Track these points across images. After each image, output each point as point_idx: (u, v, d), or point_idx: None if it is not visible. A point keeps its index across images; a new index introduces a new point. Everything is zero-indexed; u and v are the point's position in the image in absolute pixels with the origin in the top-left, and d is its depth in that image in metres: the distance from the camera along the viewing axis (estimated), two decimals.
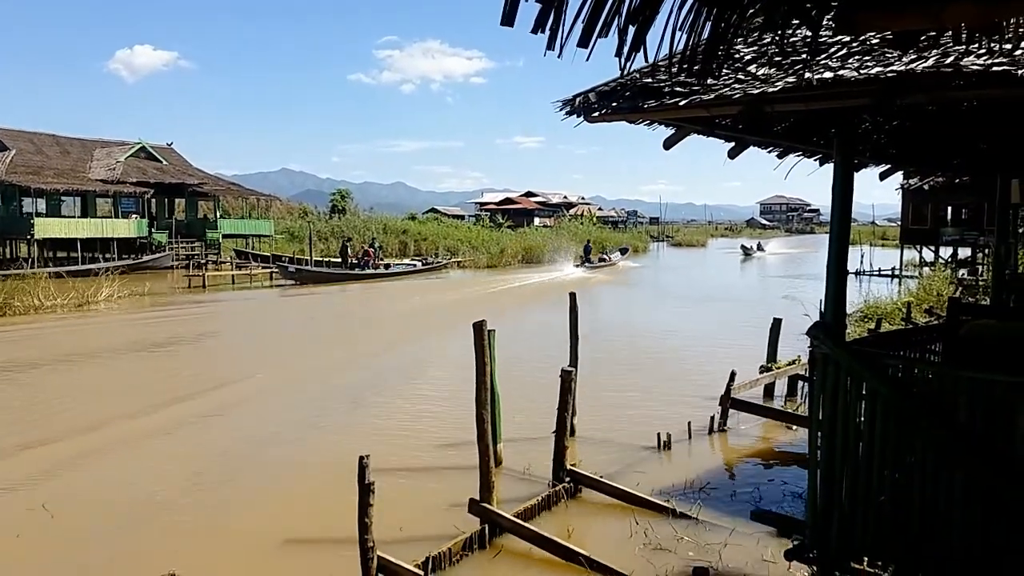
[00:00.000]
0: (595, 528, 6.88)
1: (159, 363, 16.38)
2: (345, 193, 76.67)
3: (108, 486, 8.22)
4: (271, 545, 6.68)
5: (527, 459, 8.69)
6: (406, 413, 11.34)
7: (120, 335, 20.27)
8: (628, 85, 3.89)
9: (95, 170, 42.37)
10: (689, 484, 7.89)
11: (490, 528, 6.51)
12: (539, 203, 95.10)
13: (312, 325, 23.43)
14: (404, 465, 8.71)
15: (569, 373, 7.53)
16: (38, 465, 8.92)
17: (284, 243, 51.00)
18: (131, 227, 40.76)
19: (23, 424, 10.87)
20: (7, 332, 20.22)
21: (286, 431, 10.43)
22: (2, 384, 13.93)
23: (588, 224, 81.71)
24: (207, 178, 48.64)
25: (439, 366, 15.18)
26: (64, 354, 16.73)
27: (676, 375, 14.01)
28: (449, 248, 54.39)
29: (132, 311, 25.27)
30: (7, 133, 40.68)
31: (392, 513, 6.84)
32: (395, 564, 5.57)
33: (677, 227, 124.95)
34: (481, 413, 6.61)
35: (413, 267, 43.23)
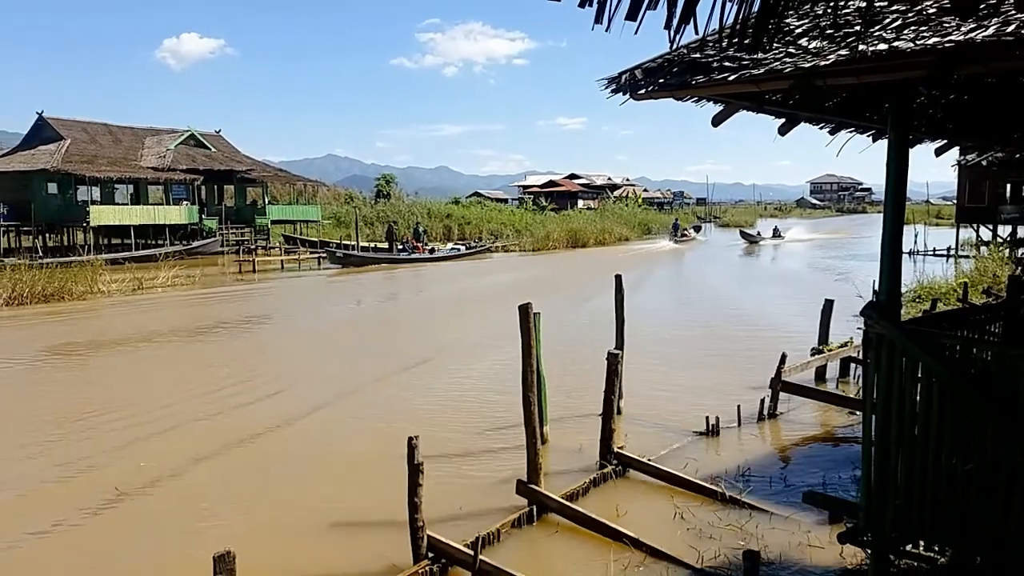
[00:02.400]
0: (641, 510, 6.86)
1: (216, 346, 16.73)
2: (390, 178, 77.24)
3: (176, 463, 8.44)
4: (323, 525, 6.81)
5: (574, 440, 8.71)
6: (454, 394, 11.42)
7: (179, 317, 20.77)
8: (675, 61, 3.82)
9: (146, 158, 43.28)
10: (737, 469, 7.82)
11: (538, 508, 6.54)
12: (583, 185, 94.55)
13: (360, 309, 23.71)
14: (452, 446, 8.79)
15: (616, 356, 7.49)
16: (107, 446, 9.20)
17: (331, 229, 51.62)
18: (182, 214, 41.61)
19: (92, 408, 11.23)
20: (66, 316, 20.87)
21: (334, 413, 10.59)
22: (70, 368, 14.40)
23: (633, 206, 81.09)
24: (255, 165, 49.34)
25: (489, 346, 15.24)
26: (123, 336, 17.20)
27: (727, 356, 13.85)
28: (493, 232, 54.48)
29: (188, 295, 25.86)
30: (62, 123, 41.72)
31: (441, 493, 6.93)
32: (445, 543, 5.64)
33: (724, 208, 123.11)
34: (527, 395, 6.62)
35: (457, 251, 43.44)
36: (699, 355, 14.17)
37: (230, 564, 4.26)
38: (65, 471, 8.30)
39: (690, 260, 40.14)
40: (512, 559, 5.71)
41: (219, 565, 4.25)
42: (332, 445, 9.21)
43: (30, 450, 9.05)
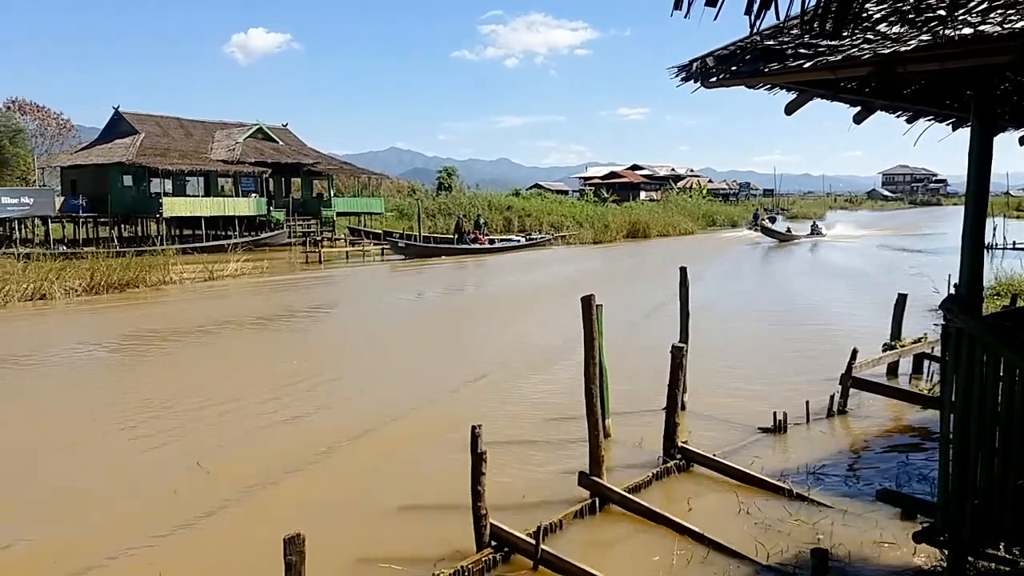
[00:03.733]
0: (705, 505, 6.78)
1: (284, 335, 17.14)
2: (451, 171, 77.73)
3: (248, 450, 8.70)
4: (388, 509, 6.92)
5: (635, 434, 8.66)
6: (516, 384, 11.46)
7: (248, 306, 21.34)
8: (748, 48, 3.74)
9: (216, 151, 44.47)
10: (805, 465, 7.66)
11: (600, 500, 6.53)
12: (645, 176, 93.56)
13: (422, 300, 23.97)
14: (514, 436, 8.84)
15: (680, 349, 7.41)
16: (188, 432, 9.53)
17: (394, 220, 52.27)
18: (251, 206, 42.66)
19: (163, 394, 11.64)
20: (140, 304, 21.64)
21: (400, 400, 10.73)
22: (142, 355, 14.95)
23: (697, 197, 79.98)
24: (321, 158, 50.24)
25: (551, 337, 15.24)
26: (195, 325, 17.75)
27: (793, 351, 13.57)
28: (553, 224, 54.42)
29: (256, 285, 26.54)
30: (136, 117, 43.16)
31: (503, 482, 6.99)
32: (507, 532, 5.67)
33: (793, 199, 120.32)
34: (590, 388, 6.59)
35: (517, 243, 43.55)
36: (764, 350, 13.91)
37: (300, 546, 4.36)
38: (138, 448, 8.63)
39: (755, 256, 39.36)
40: (574, 550, 5.72)
41: (289, 547, 4.35)
42: (397, 431, 9.34)
43: (101, 429, 9.43)
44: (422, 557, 5.86)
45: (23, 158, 50.76)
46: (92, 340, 16.12)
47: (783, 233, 46.59)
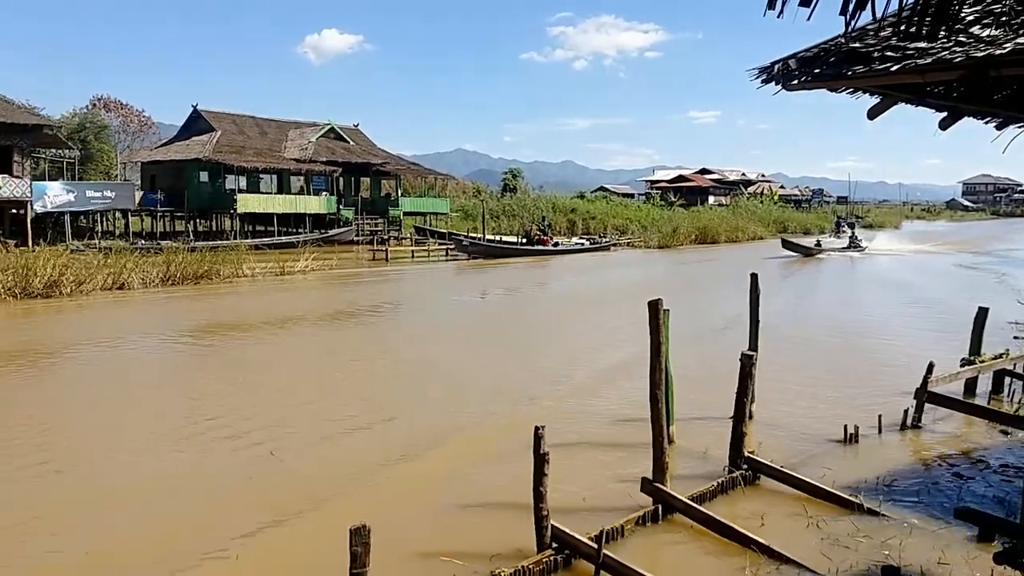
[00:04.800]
0: (772, 517, 6.63)
1: (350, 332, 17.45)
2: (516, 172, 77.99)
3: (317, 442, 8.88)
4: (450, 507, 6.97)
5: (700, 442, 8.53)
6: (579, 387, 11.42)
7: (315, 302, 21.82)
8: (832, 50, 3.65)
9: (289, 149, 45.52)
10: (877, 479, 7.43)
11: (663, 508, 6.45)
12: (714, 181, 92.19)
13: (485, 300, 24.09)
14: (576, 438, 8.80)
15: (750, 358, 7.26)
16: (264, 423, 9.79)
17: (459, 221, 52.71)
18: (321, 204, 43.55)
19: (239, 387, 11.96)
20: (213, 296, 22.30)
21: (463, 399, 10.81)
22: (212, 346, 15.41)
23: (768, 203, 78.38)
24: (389, 158, 50.99)
25: (614, 341, 15.15)
26: (266, 318, 18.21)
27: (865, 364, 13.18)
28: (618, 227, 54.10)
29: (324, 282, 27.09)
30: (213, 115, 44.50)
31: (564, 484, 6.96)
32: (569, 534, 5.65)
33: (867, 207, 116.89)
34: (655, 393, 6.52)
35: (581, 246, 43.44)
36: (835, 361, 13.53)
37: (365, 537, 4.42)
38: (211, 435, 8.89)
39: (823, 264, 38.36)
40: (636, 557, 5.66)
41: (355, 538, 4.42)
42: (459, 430, 9.40)
43: (176, 416, 9.75)
44: (483, 554, 5.88)
45: (106, 153, 52.90)
46: (167, 330, 16.69)
47: (807, 247, 41.70)
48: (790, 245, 41.60)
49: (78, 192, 34.40)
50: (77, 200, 34.05)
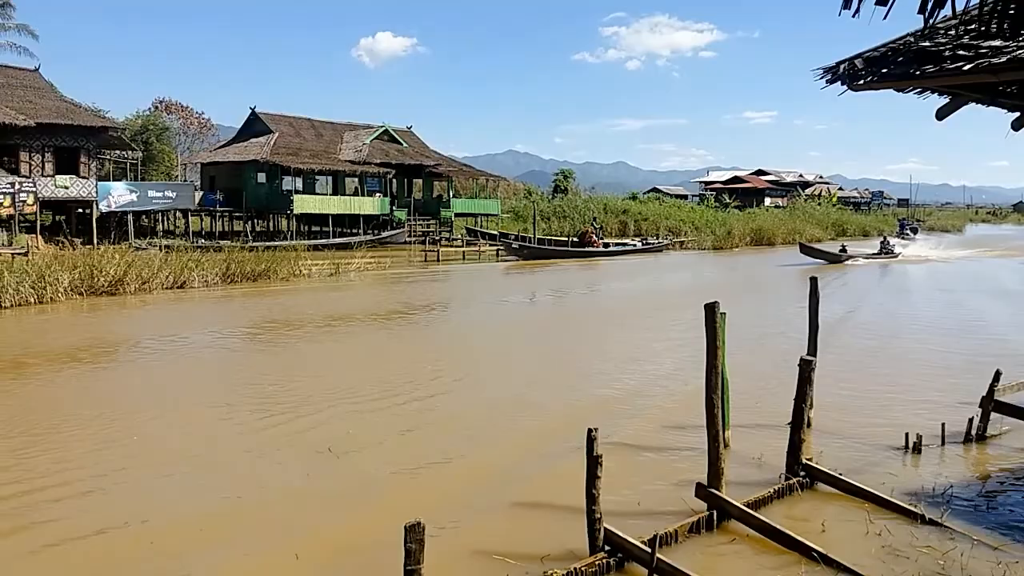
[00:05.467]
0: (829, 525, 6.49)
1: (402, 331, 17.63)
2: (568, 173, 77.78)
3: (372, 439, 9.01)
4: (503, 506, 7.00)
5: (755, 448, 8.40)
6: (632, 390, 11.35)
7: (369, 302, 22.11)
8: (901, 50, 3.56)
9: (344, 151, 46.17)
10: (939, 491, 7.21)
11: (718, 514, 6.37)
12: (770, 182, 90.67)
13: (534, 302, 24.10)
14: (629, 441, 8.75)
15: (809, 363, 7.13)
16: (317, 419, 9.97)
17: (509, 222, 52.82)
18: (375, 205, 44.08)
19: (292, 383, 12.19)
20: (270, 295, 22.75)
21: (516, 399, 10.84)
22: (268, 343, 15.72)
23: (826, 205, 76.78)
24: (442, 160, 51.37)
25: (667, 345, 15.02)
26: (320, 317, 18.51)
27: (926, 370, 12.83)
28: (671, 228, 53.58)
29: (378, 282, 27.42)
30: (271, 117, 45.36)
31: (617, 487, 6.93)
32: (621, 537, 5.62)
33: (929, 210, 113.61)
34: (711, 397, 6.45)
35: (633, 247, 43.13)
36: (896, 367, 13.19)
37: (419, 534, 4.47)
38: (270, 430, 9.07)
39: (851, 273, 37.41)
40: (690, 562, 5.61)
41: (410, 534, 4.47)
42: (512, 430, 9.43)
43: (236, 411, 9.97)
44: (535, 555, 5.89)
45: (167, 154, 54.42)
46: (227, 327, 17.08)
47: (832, 253, 37.17)
48: (811, 251, 37.13)
49: (141, 192, 35.43)
50: (140, 200, 35.06)
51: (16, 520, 6.65)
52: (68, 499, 7.10)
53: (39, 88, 33.90)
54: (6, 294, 18.75)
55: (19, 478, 7.62)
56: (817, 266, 33.95)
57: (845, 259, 36.45)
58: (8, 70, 34.68)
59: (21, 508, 6.90)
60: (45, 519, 6.68)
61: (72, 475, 7.70)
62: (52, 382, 11.97)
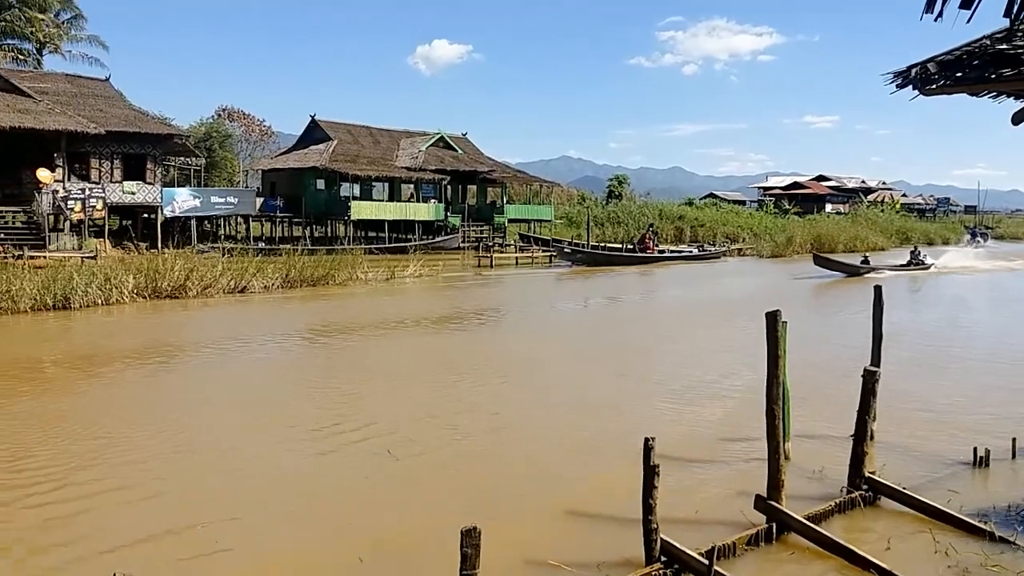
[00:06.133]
0: (894, 542, 6.30)
1: (457, 336, 17.74)
2: (622, 179, 77.42)
3: (430, 443, 9.08)
4: (559, 513, 6.98)
5: (815, 460, 8.21)
6: (689, 399, 11.22)
7: (424, 306, 22.31)
8: (976, 53, 3.44)
9: (401, 158, 46.74)
10: (1010, 508, 6.95)
11: (777, 526, 6.25)
12: (832, 188, 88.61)
13: (588, 308, 24.01)
14: (686, 452, 8.63)
15: (872, 374, 6.95)
16: (380, 418, 10.10)
17: (562, 228, 52.76)
18: (430, 211, 44.49)
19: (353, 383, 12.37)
20: (328, 299, 23.12)
21: (570, 407, 10.80)
22: (327, 346, 15.98)
23: (890, 211, 74.68)
24: (496, 166, 51.63)
25: (725, 354, 14.81)
26: (376, 321, 18.74)
27: (996, 382, 12.38)
28: (728, 235, 52.81)
29: (432, 286, 27.65)
30: (330, 125, 46.17)
31: (673, 497, 6.84)
32: (678, 548, 5.56)
33: (999, 217, 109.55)
34: (771, 408, 6.33)
35: (689, 253, 42.63)
36: (963, 379, 12.77)
37: (476, 539, 4.48)
38: (331, 432, 9.21)
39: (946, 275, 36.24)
40: (748, 575, 5.51)
41: (466, 539, 4.48)
42: (567, 438, 9.39)
43: (296, 414, 10.15)
44: (590, 563, 5.85)
45: (230, 161, 55.82)
46: (287, 330, 17.43)
47: (851, 265, 33.28)
48: (827, 262, 33.55)
49: (204, 198, 36.36)
50: (203, 205, 35.99)
51: (92, 523, 6.89)
52: (140, 501, 7.29)
53: (109, 97, 35.12)
54: (75, 296, 19.42)
55: (98, 477, 7.88)
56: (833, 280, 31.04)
57: (865, 272, 32.61)
58: (80, 80, 36.04)
59: (92, 512, 7.13)
60: (117, 523, 6.90)
61: (140, 478, 7.87)
62: (119, 382, 12.37)
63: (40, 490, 7.41)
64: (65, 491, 7.40)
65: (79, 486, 7.52)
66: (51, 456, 8.40)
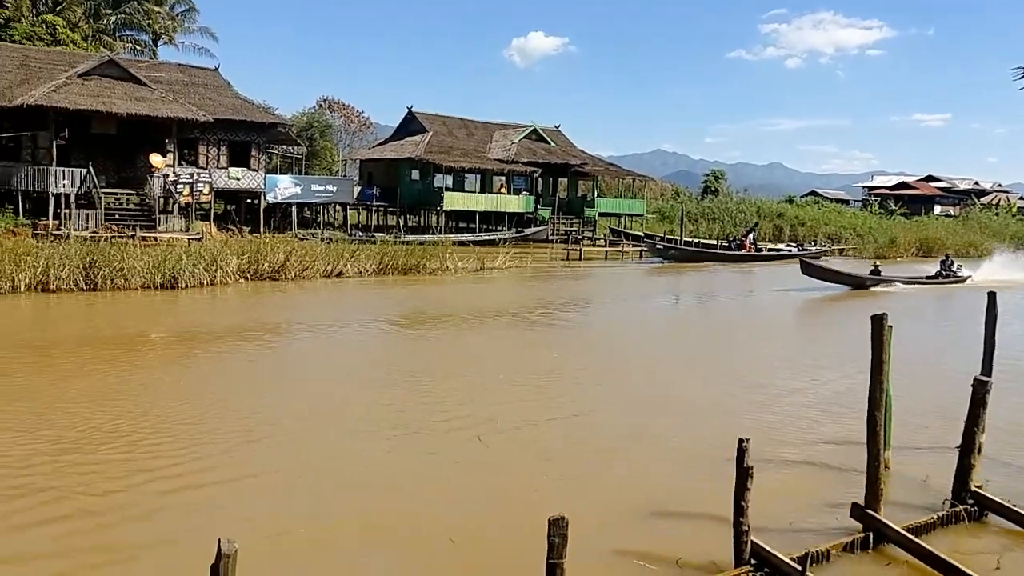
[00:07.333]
0: (1004, 561, 5.98)
1: (551, 326, 17.77)
2: (719, 174, 75.63)
3: (519, 432, 9.15)
4: (646, 510, 6.92)
5: (917, 471, 7.86)
6: (784, 402, 10.92)
7: (511, 297, 22.45)
8: None
9: (493, 150, 46.98)
10: None
11: (874, 536, 6.01)
12: (942, 189, 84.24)
13: (680, 306, 23.62)
14: (780, 455, 8.41)
15: (983, 384, 6.58)
16: (466, 412, 10.25)
17: (655, 223, 51.99)
18: (520, 203, 44.61)
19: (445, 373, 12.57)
20: (419, 287, 23.53)
21: (657, 404, 10.68)
22: (417, 334, 16.27)
23: (1005, 215, 70.41)
24: (588, 159, 51.25)
25: (823, 358, 14.33)
26: (466, 311, 18.95)
27: None
28: (830, 235, 50.93)
29: (520, 278, 27.77)
30: (426, 117, 46.82)
31: (765, 500, 6.66)
32: (770, 552, 5.42)
33: None
34: (873, 414, 6.10)
35: (788, 252, 41.34)
36: None
37: (563, 529, 4.48)
38: (424, 418, 9.38)
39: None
40: None
41: (553, 528, 4.49)
42: (659, 435, 9.29)
43: (394, 395, 10.37)
44: (677, 562, 5.77)
45: (330, 151, 57.39)
46: (380, 316, 17.84)
47: (854, 276, 27.27)
48: (820, 272, 26.76)
49: (304, 185, 37.49)
50: (303, 193, 37.12)
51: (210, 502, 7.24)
52: (240, 493, 7.56)
53: (218, 86, 36.61)
54: (183, 276, 20.39)
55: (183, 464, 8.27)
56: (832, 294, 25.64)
57: (871, 284, 26.66)
58: (192, 69, 37.72)
59: (203, 496, 7.49)
60: (225, 504, 7.22)
61: (237, 470, 7.93)
62: (227, 358, 12.94)
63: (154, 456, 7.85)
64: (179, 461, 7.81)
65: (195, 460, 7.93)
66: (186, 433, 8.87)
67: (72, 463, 7.52)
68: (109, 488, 6.98)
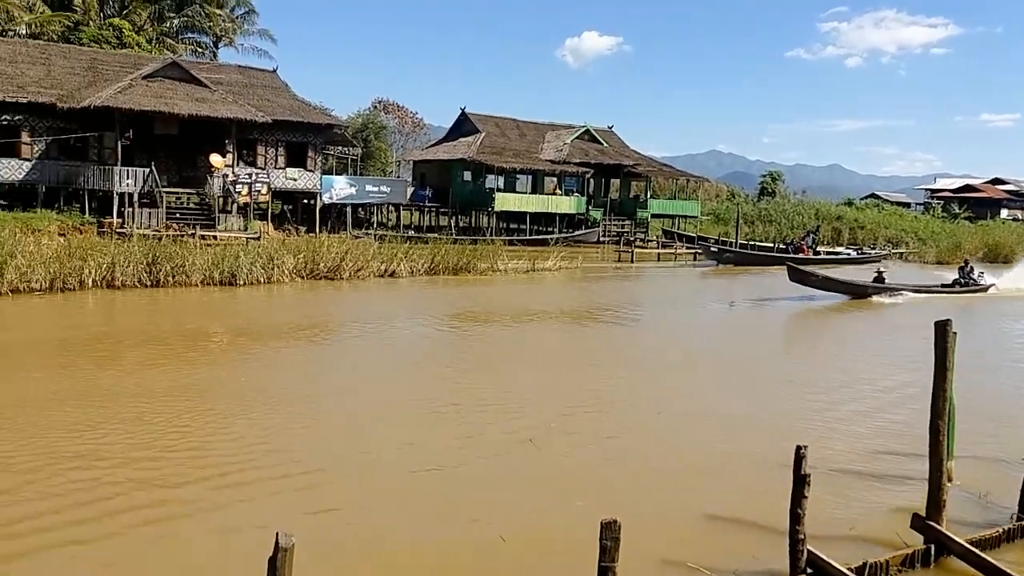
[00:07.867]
0: None
1: (603, 329, 17.72)
2: (776, 175, 74.37)
3: (569, 433, 9.15)
4: (699, 516, 6.86)
5: (981, 483, 7.62)
6: (845, 409, 10.70)
7: (561, 299, 22.43)
8: None
9: (545, 151, 46.94)
10: None
11: (936, 549, 5.85)
12: (1009, 192, 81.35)
13: (734, 310, 23.29)
14: (839, 464, 8.24)
15: None
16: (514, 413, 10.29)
17: (709, 225, 51.36)
18: (572, 204, 44.51)
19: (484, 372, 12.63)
20: (469, 288, 23.67)
21: (718, 407, 10.56)
22: (466, 333, 16.37)
23: None
24: (641, 159, 50.86)
25: (887, 364, 14.00)
26: (515, 311, 19.01)
27: None
28: (891, 238, 49.63)
29: (571, 280, 27.72)
30: (479, 118, 47.04)
31: (823, 509, 6.55)
32: (826, 561, 5.32)
33: None
34: (936, 423, 5.93)
35: (847, 256, 40.40)
36: None
37: (615, 532, 4.47)
38: (477, 417, 9.45)
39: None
40: None
41: (605, 532, 4.48)
42: (714, 439, 9.20)
43: (443, 396, 10.47)
44: (730, 569, 5.70)
45: (383, 151, 58.10)
46: (432, 316, 17.97)
47: (855, 285, 24.53)
48: (812, 280, 23.67)
49: (359, 186, 38.03)
50: (358, 193, 37.65)
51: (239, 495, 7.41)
52: (300, 488, 7.67)
53: (276, 88, 37.37)
54: (241, 273, 20.86)
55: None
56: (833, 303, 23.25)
57: (873, 293, 24.11)
58: (251, 71, 38.58)
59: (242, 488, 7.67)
60: (268, 505, 7.38)
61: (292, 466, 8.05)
62: (280, 355, 13.21)
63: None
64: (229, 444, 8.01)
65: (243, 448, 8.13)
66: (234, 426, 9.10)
67: (143, 459, 7.77)
68: (182, 480, 7.21)
